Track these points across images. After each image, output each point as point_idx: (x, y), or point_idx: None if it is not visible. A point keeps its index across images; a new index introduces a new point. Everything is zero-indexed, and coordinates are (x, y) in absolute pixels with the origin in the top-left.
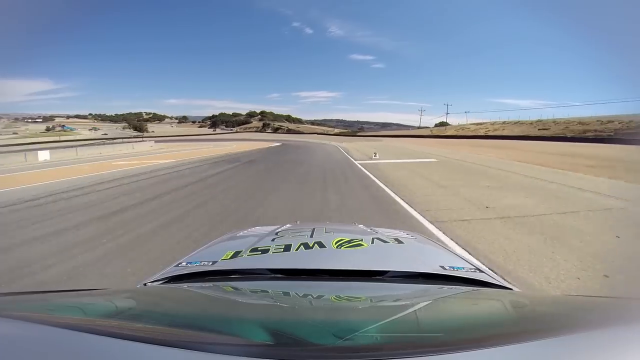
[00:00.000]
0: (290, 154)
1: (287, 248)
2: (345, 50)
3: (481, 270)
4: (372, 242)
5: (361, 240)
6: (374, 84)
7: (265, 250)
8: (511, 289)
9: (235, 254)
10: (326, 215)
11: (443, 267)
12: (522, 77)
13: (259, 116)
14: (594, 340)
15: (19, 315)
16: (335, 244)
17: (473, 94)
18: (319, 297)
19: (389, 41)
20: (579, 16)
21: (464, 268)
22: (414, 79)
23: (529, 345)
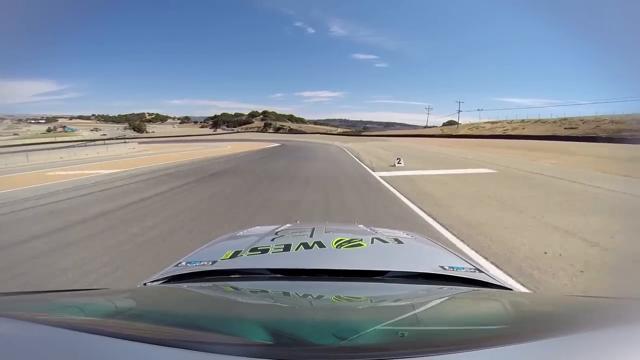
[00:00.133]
0: (282, 160)
1: (287, 248)
2: (348, 50)
3: (481, 271)
4: (372, 242)
5: (361, 240)
6: (377, 83)
7: (265, 250)
8: (511, 289)
9: (235, 254)
10: None
11: (443, 267)
12: (524, 76)
13: (261, 116)
14: (594, 340)
15: (19, 315)
16: (335, 243)
17: (475, 93)
18: (319, 297)
19: (392, 40)
20: (579, 16)
21: (464, 268)
22: (417, 78)
23: (529, 345)
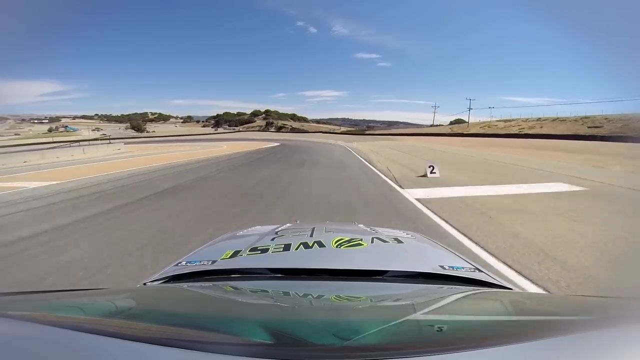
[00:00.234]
0: (274, 165)
1: (287, 247)
2: (350, 49)
3: (481, 270)
4: (372, 242)
5: (361, 239)
6: (379, 82)
7: (264, 250)
8: (511, 289)
9: (235, 254)
10: None
11: (443, 267)
12: (526, 75)
13: (263, 115)
14: (594, 340)
15: (19, 315)
16: (335, 243)
17: (478, 92)
18: (319, 297)
19: (394, 40)
20: (579, 15)
21: (464, 268)
22: (420, 77)
23: (529, 345)
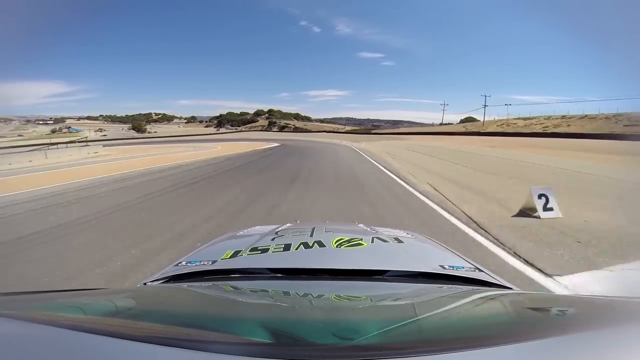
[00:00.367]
0: (254, 179)
1: (287, 247)
2: (354, 49)
3: (481, 270)
4: (372, 242)
5: (361, 239)
6: (384, 81)
7: (265, 250)
8: (511, 289)
9: (235, 254)
10: None
11: (443, 267)
12: (527, 74)
13: (266, 114)
14: (594, 340)
15: (19, 315)
16: (335, 243)
17: (480, 91)
18: (319, 297)
19: (398, 39)
20: (580, 16)
21: (464, 267)
22: (425, 76)
23: (529, 345)
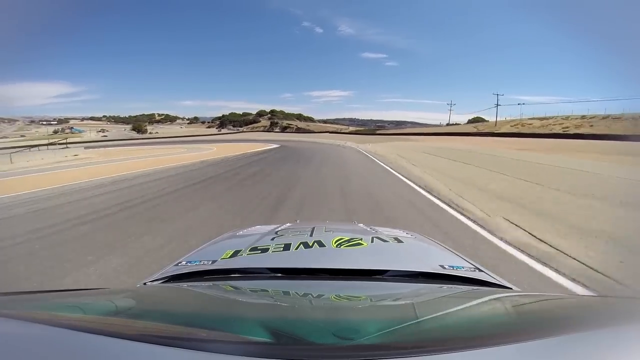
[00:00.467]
0: (220, 200)
1: (287, 247)
2: (357, 49)
3: (481, 270)
4: (372, 241)
5: (361, 239)
6: (387, 82)
7: (264, 250)
8: (511, 289)
9: (235, 253)
10: None
11: (443, 267)
12: (531, 75)
13: (269, 115)
14: (594, 340)
15: (19, 315)
16: (335, 243)
17: (483, 91)
18: (319, 297)
19: (401, 39)
20: (581, 16)
21: (464, 267)
22: (428, 76)
23: (529, 345)
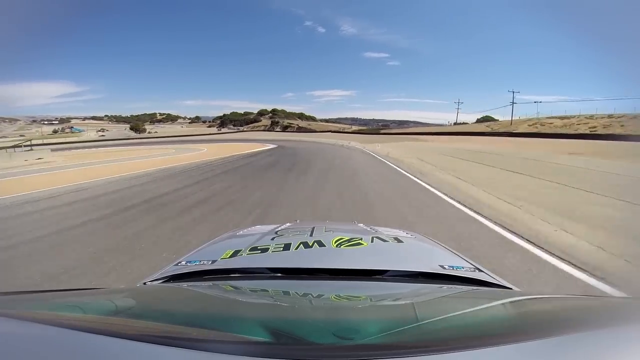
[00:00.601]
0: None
1: (287, 247)
2: (359, 49)
3: (481, 270)
4: (372, 241)
5: (361, 239)
6: (389, 81)
7: (264, 249)
8: (511, 289)
9: (235, 253)
10: None
11: (443, 267)
12: (529, 75)
13: (270, 114)
14: (594, 340)
15: (19, 315)
16: (335, 243)
17: (486, 91)
18: (319, 296)
19: (403, 39)
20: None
21: (464, 267)
22: (431, 76)
23: (529, 345)
